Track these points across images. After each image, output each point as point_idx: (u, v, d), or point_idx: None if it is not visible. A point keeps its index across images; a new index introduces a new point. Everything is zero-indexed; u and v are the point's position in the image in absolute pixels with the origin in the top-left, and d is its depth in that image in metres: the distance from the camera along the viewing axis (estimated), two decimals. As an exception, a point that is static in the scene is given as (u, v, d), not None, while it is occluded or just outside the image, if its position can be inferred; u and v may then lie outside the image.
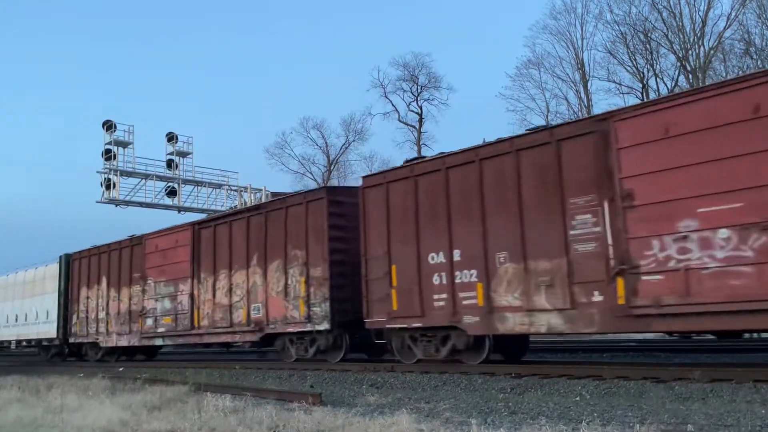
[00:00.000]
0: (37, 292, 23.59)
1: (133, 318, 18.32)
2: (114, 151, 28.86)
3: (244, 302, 14.80)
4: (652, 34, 34.10)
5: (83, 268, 21.05)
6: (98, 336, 19.90)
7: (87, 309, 20.43)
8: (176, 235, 17.17)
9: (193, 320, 16.14)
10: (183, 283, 16.59)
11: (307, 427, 6.07)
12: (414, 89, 46.71)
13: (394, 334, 11.76)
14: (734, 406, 6.51)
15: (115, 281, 19.24)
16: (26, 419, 7.51)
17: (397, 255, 11.44)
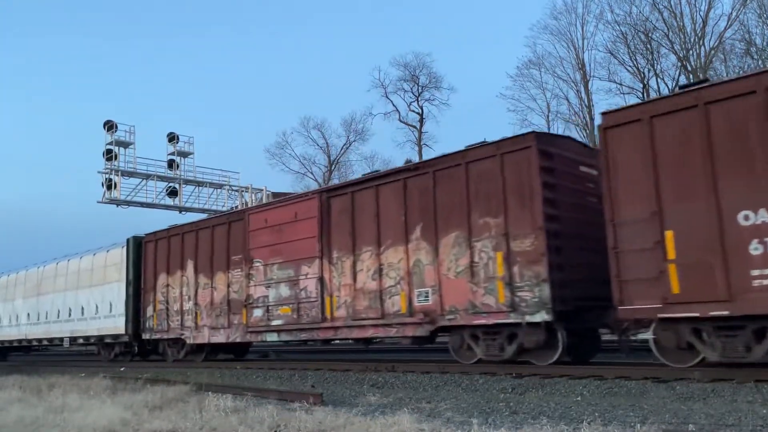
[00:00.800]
0: (95, 282, 20.48)
1: (233, 309, 15.24)
2: (115, 151, 28.87)
3: (403, 286, 11.64)
4: (653, 34, 34.06)
5: (161, 251, 17.84)
6: (183, 331, 16.73)
7: (167, 299, 17.31)
8: (295, 206, 14.05)
9: (324, 310, 12.95)
10: (307, 264, 13.39)
11: (309, 427, 6.07)
12: (415, 89, 46.70)
13: (668, 327, 8.49)
14: (735, 406, 6.51)
15: (205, 265, 16.15)
16: (27, 419, 7.52)
17: (676, 216, 8.30)
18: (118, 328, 19.19)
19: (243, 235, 15.14)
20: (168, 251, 17.51)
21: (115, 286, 19.51)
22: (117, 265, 19.55)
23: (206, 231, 16.42)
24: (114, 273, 19.66)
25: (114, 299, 19.43)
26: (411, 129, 47.31)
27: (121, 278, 19.22)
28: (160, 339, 17.94)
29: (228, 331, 15.42)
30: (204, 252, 16.31)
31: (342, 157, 51.28)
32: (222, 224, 15.93)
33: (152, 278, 18.04)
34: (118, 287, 19.34)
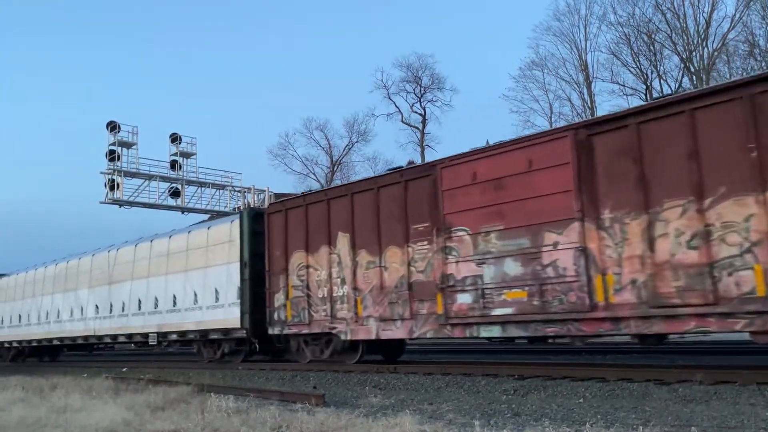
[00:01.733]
0: (193, 265, 16.78)
1: (418, 294, 11.29)
2: (118, 151, 28.91)
3: (760, 256, 7.69)
4: (656, 35, 34.05)
5: (294, 223, 14.03)
6: (335, 324, 12.82)
7: (307, 284, 13.50)
8: (528, 151, 10.20)
9: (592, 293, 9.13)
10: (556, 230, 9.66)
11: (310, 428, 6.07)
12: (417, 90, 46.73)
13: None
14: (738, 409, 6.49)
15: (368, 238, 12.28)
16: (30, 419, 7.54)
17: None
18: (228, 320, 15.40)
19: (431, 197, 11.27)
20: (306, 223, 13.69)
21: (222, 269, 15.79)
22: (225, 245, 15.94)
23: (366, 195, 12.53)
24: (220, 253, 15.98)
25: (221, 285, 15.72)
26: (413, 130, 47.36)
27: (231, 259, 15.58)
28: (296, 334, 13.86)
29: (410, 324, 11.37)
30: (365, 221, 12.45)
31: (344, 158, 51.33)
32: (392, 184, 12.07)
33: (282, 258, 14.14)
34: (226, 271, 15.66)
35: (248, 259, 15.18)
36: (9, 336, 25.97)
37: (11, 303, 26.16)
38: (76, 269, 22.29)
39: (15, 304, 25.78)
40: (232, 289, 15.42)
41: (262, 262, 14.67)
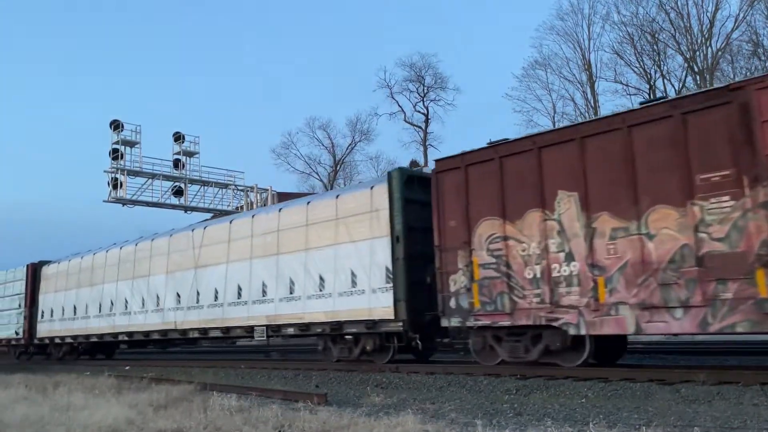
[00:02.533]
0: (318, 243, 13.54)
1: (717, 270, 8.04)
2: (121, 150, 28.94)
3: None
4: (660, 35, 34.01)
5: (478, 183, 10.79)
6: (556, 313, 9.56)
7: (505, 261, 10.22)
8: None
9: None
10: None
11: (313, 427, 6.07)
12: (420, 90, 46.79)
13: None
14: (741, 409, 6.48)
15: (612, 197, 9.12)
16: (33, 417, 7.55)
17: None
18: (374, 310, 12.12)
19: (736, 132, 8.05)
20: (500, 182, 10.47)
21: (362, 247, 12.49)
22: (364, 216, 12.59)
23: (608, 138, 9.33)
24: (358, 228, 12.70)
25: (360, 267, 12.48)
26: (416, 129, 47.41)
27: (375, 234, 12.30)
28: (487, 327, 10.52)
29: (702, 313, 8.11)
30: (606, 174, 9.25)
31: (347, 158, 51.40)
32: (655, 121, 8.87)
33: (461, 229, 10.88)
34: (369, 249, 12.35)
35: (402, 233, 11.94)
36: (60, 331, 22.65)
37: (62, 293, 22.79)
38: (148, 252, 18.87)
39: (67, 294, 22.39)
40: (378, 271, 12.12)
41: (418, 237, 11.83)
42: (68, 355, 22.99)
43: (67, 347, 22.94)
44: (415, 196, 12.22)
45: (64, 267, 23.25)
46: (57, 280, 23.49)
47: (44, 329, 23.66)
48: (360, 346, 12.84)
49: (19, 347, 25.60)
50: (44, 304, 23.91)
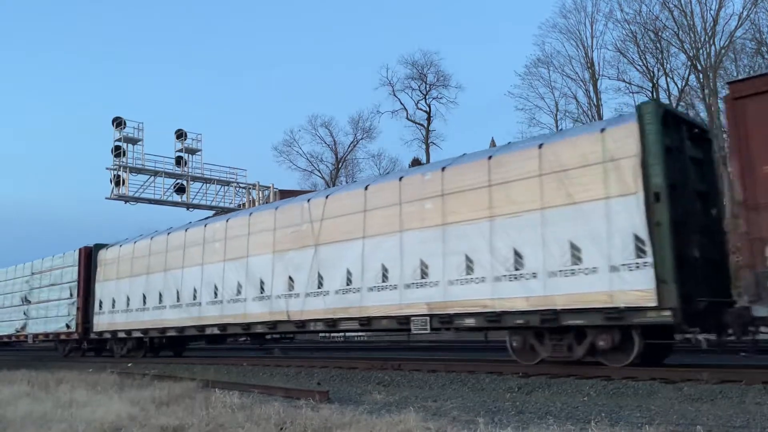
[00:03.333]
0: (508, 208, 10.43)
1: None
2: (123, 147, 28.99)
3: None
4: (663, 33, 33.96)
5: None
6: None
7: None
8: None
9: None
10: None
11: (315, 424, 6.07)
12: (422, 87, 46.85)
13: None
14: (743, 408, 6.48)
15: None
16: (36, 413, 7.56)
17: None
18: (617, 295, 8.95)
19: None
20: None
21: (591, 209, 9.36)
22: (597, 168, 9.41)
23: None
24: (585, 183, 9.52)
25: (587, 236, 9.37)
26: (418, 127, 47.45)
27: (615, 191, 9.14)
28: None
29: None
30: None
31: (349, 155, 51.41)
32: None
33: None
34: (603, 211, 9.23)
35: (664, 189, 8.75)
36: (125, 324, 19.12)
37: (127, 280, 19.30)
38: (244, 230, 15.51)
39: (134, 282, 18.93)
40: (620, 241, 9.00)
41: (679, 199, 8.96)
42: (133, 351, 19.46)
43: (132, 342, 19.38)
44: (671, 143, 9.24)
45: (129, 250, 19.55)
46: (119, 265, 19.79)
47: (103, 322, 20.03)
48: (586, 343, 9.54)
49: (69, 342, 22.59)
50: (102, 294, 20.30)
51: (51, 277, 23.45)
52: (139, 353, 19.20)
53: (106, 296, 20.15)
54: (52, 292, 23.21)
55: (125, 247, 19.95)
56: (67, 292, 22.22)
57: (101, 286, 20.53)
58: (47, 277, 23.69)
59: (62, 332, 22.24)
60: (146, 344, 19.07)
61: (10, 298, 26.56)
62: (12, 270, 26.93)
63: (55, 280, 23.17)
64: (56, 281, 23.07)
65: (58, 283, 22.91)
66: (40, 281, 24.15)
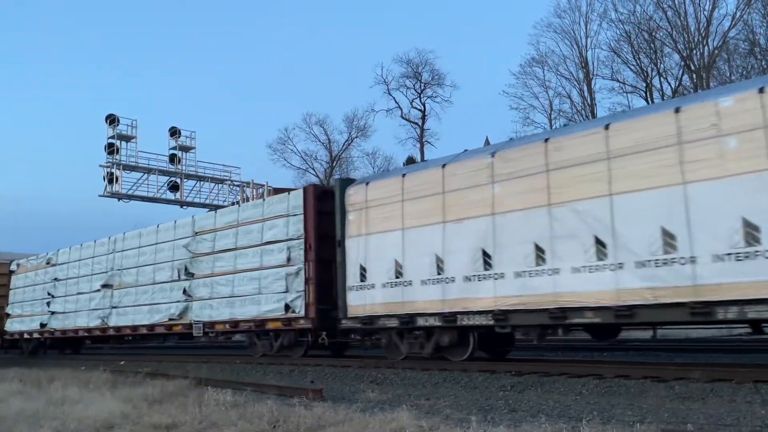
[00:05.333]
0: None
1: None
2: (117, 145, 28.79)
3: None
4: (657, 33, 34.02)
5: None
6: None
7: None
8: None
9: None
10: None
11: (308, 422, 6.08)
12: (417, 86, 46.72)
13: None
14: (734, 406, 6.52)
15: None
16: (28, 411, 7.54)
17: None
18: None
19: None
20: None
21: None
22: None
23: None
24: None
25: None
26: (413, 126, 47.37)
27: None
28: None
29: None
30: None
31: (344, 154, 51.26)
32: None
33: None
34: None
35: None
36: (435, 303, 11.11)
37: (416, 233, 11.59)
38: (490, 172, 10.49)
39: (432, 234, 11.26)
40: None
41: None
42: (452, 349, 11.39)
43: (450, 335, 11.22)
44: None
45: (418, 182, 11.74)
46: (389, 209, 12.13)
47: (375, 301, 12.12)
48: None
49: (288, 335, 14.22)
50: (360, 256, 12.51)
51: (238, 236, 15.36)
52: (437, 354, 11.53)
53: (369, 261, 12.35)
54: (241, 259, 15.15)
55: (414, 176, 12.08)
56: (281, 255, 14.07)
57: (358, 244, 12.57)
58: (228, 236, 15.62)
59: (274, 318, 14.03)
60: (474, 338, 11.09)
61: (150, 273, 18.02)
62: (151, 232, 18.56)
63: (250, 240, 15.00)
64: (253, 241, 14.93)
65: (257, 243, 14.76)
66: (213, 242, 16.02)
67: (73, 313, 21.11)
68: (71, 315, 21.18)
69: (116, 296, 19.11)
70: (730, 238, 7.76)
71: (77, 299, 20.95)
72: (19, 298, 24.76)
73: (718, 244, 7.87)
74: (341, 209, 13.12)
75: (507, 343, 11.98)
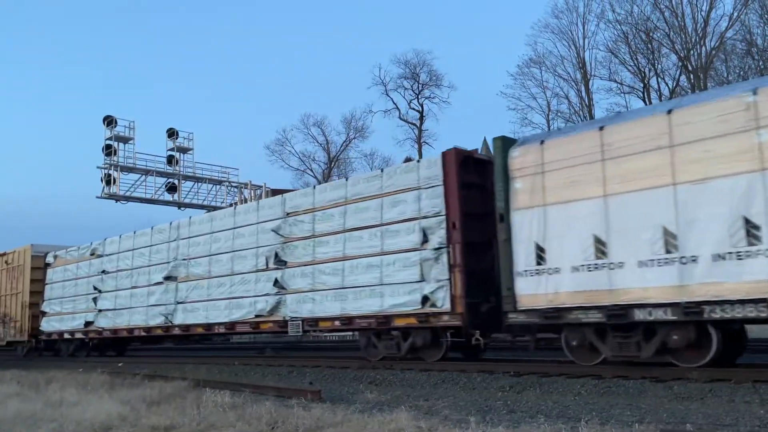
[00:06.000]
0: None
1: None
2: (114, 146, 28.80)
3: None
4: (654, 33, 34.07)
5: None
6: None
7: None
8: None
9: None
10: None
11: (306, 424, 6.07)
12: (415, 87, 46.67)
13: None
14: (733, 406, 6.52)
15: None
16: (25, 413, 7.52)
17: None
18: None
19: None
20: None
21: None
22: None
23: None
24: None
25: None
26: (411, 127, 47.35)
27: None
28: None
29: None
30: None
31: (342, 154, 51.23)
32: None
33: None
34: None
35: None
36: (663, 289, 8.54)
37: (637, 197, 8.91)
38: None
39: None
40: None
41: None
42: (649, 354, 9.01)
43: (640, 336, 8.95)
44: None
45: (627, 135, 9.13)
46: (579, 172, 9.51)
47: (542, 289, 9.66)
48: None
49: (421, 333, 11.46)
50: (534, 234, 9.81)
51: (346, 216, 12.65)
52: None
53: (558, 236, 9.62)
54: (353, 243, 12.42)
55: (622, 127, 9.32)
56: (412, 237, 11.39)
57: (538, 217, 9.86)
58: (334, 217, 12.90)
59: (405, 313, 11.39)
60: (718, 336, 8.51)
61: (226, 262, 15.36)
62: (226, 215, 16.12)
63: (364, 220, 12.27)
64: (368, 221, 12.20)
65: (375, 224, 12.05)
66: (312, 224, 13.29)
67: (126, 310, 18.39)
68: (124, 312, 18.47)
69: (182, 290, 16.48)
70: None
71: (131, 294, 18.32)
72: (58, 294, 21.72)
73: None
74: (502, 176, 10.30)
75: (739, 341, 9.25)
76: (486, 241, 10.85)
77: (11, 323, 23.36)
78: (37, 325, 22.23)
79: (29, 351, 22.93)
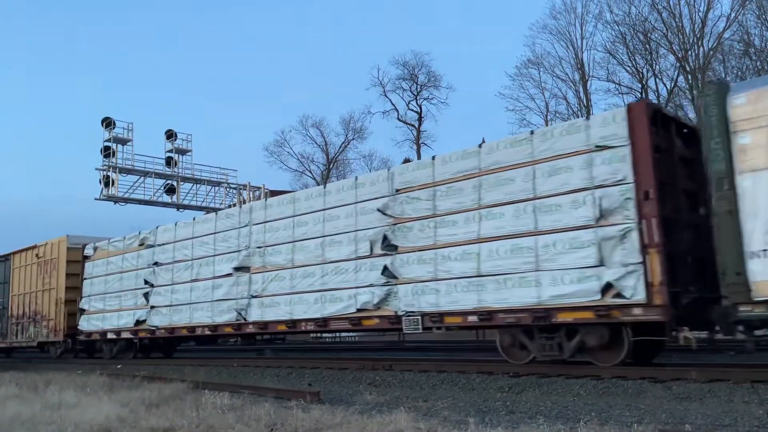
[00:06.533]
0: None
1: None
2: (113, 148, 28.81)
3: None
4: (652, 34, 34.10)
5: None
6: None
7: None
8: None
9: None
10: None
11: (305, 425, 6.06)
12: (413, 88, 46.77)
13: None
14: (732, 407, 6.53)
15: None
16: (24, 415, 7.50)
17: None
18: None
19: None
20: None
21: None
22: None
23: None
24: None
25: None
26: (409, 128, 47.41)
27: None
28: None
29: None
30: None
31: (340, 156, 51.25)
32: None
33: None
34: None
35: None
36: None
37: None
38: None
39: None
40: None
41: None
42: None
43: None
44: None
45: None
46: None
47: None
48: None
49: (598, 330, 9.14)
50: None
51: (481, 189, 10.51)
52: None
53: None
54: (491, 221, 10.30)
55: None
56: (582, 211, 9.19)
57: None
58: (463, 191, 10.79)
59: (576, 306, 9.15)
60: None
61: (315, 249, 13.21)
62: (314, 194, 13.85)
63: (507, 194, 10.15)
64: (513, 195, 10.09)
65: (524, 198, 9.96)
66: (433, 201, 11.21)
67: (186, 306, 16.12)
68: (184, 308, 16.19)
69: (257, 282, 14.34)
70: None
71: (191, 288, 16.11)
72: (99, 289, 19.29)
73: None
74: (719, 129, 8.20)
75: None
76: (679, 218, 9.07)
77: (43, 322, 21.06)
78: (74, 323, 19.87)
79: (64, 352, 20.82)
